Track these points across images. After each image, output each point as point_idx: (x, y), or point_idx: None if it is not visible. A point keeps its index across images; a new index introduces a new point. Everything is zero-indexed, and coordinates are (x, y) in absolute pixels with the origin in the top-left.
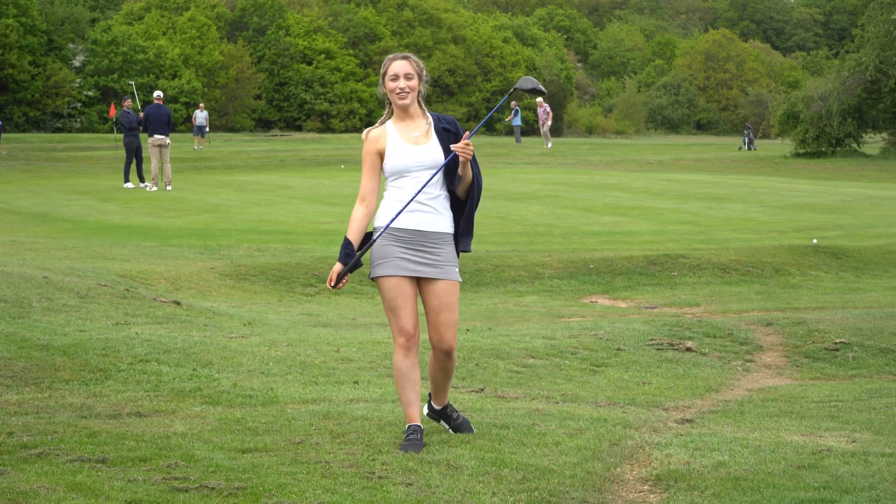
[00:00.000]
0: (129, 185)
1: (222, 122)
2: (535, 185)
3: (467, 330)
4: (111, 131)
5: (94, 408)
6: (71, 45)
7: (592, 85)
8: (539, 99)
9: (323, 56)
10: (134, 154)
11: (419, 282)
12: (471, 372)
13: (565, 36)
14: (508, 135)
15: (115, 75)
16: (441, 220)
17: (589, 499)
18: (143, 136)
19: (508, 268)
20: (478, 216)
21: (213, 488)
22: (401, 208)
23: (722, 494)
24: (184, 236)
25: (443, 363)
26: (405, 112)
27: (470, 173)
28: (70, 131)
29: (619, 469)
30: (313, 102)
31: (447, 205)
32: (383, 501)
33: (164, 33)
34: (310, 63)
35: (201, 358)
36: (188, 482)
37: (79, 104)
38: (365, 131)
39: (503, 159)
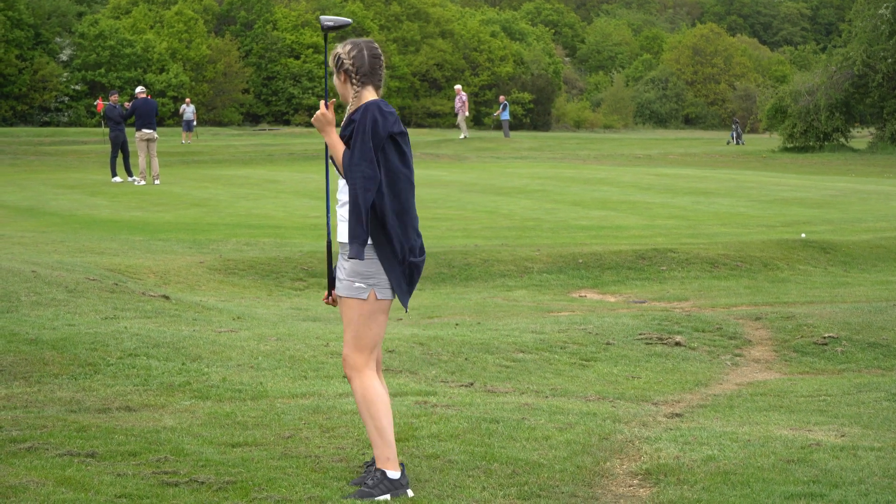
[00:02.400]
0: (118, 179)
1: (210, 117)
2: (524, 180)
3: (456, 324)
4: (99, 125)
5: (84, 402)
6: (58, 39)
7: (580, 79)
8: (458, 87)
9: (311, 50)
10: (120, 148)
11: None
12: (460, 366)
13: (553, 30)
14: (497, 129)
15: (103, 69)
16: (342, 228)
17: (578, 493)
18: (129, 130)
19: (497, 262)
20: (467, 211)
21: (202, 482)
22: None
23: (711, 489)
24: (172, 230)
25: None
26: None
27: (336, 156)
28: (58, 125)
29: (608, 463)
30: (301, 97)
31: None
32: None
33: (152, 27)
34: (297, 57)
35: (190, 352)
36: (178, 476)
37: (66, 98)
38: None
39: (492, 153)
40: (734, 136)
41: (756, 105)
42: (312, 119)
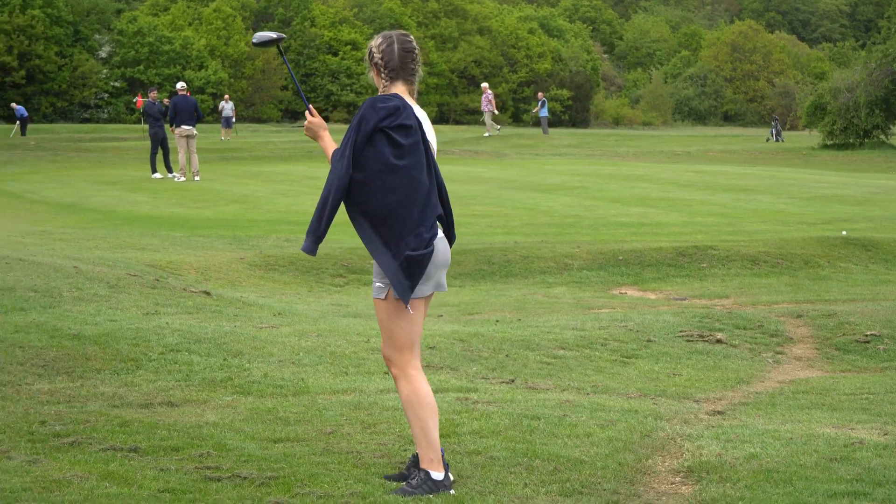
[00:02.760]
0: (158, 175)
1: (249, 113)
2: (563, 177)
3: (497, 321)
4: (138, 122)
5: (126, 397)
6: (97, 36)
7: (619, 76)
8: (484, 85)
9: (349, 47)
10: (159, 144)
11: None
12: (501, 363)
13: (591, 27)
14: (536, 126)
15: (142, 66)
16: None
17: (620, 490)
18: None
19: (537, 259)
20: (507, 207)
21: (245, 478)
22: None
23: (754, 486)
24: (212, 227)
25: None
26: None
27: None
28: (97, 122)
29: (650, 460)
30: (339, 93)
31: None
32: None
33: (190, 24)
34: (335, 54)
35: (232, 348)
36: (220, 471)
37: (106, 95)
38: None
39: (531, 150)
40: (773, 132)
41: (795, 102)
42: (304, 132)
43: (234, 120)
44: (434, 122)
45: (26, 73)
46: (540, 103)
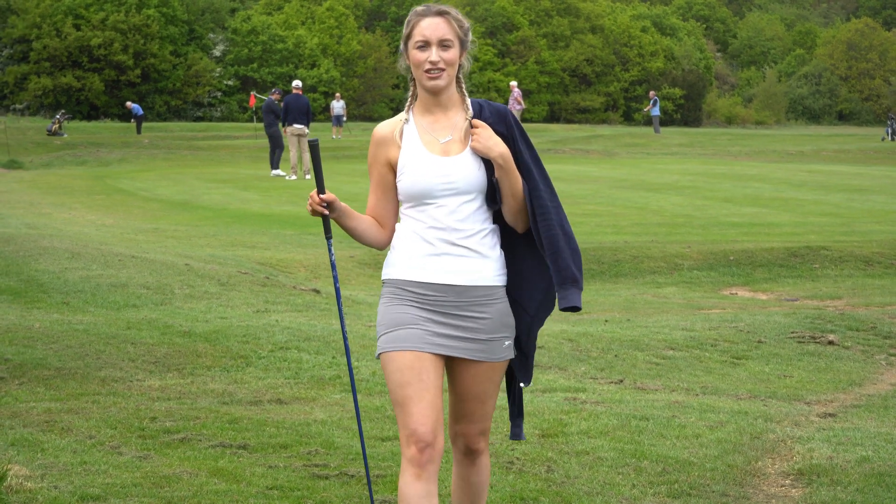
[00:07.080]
0: (279, 172)
1: (360, 112)
2: (674, 176)
3: (605, 321)
4: (250, 120)
5: (236, 394)
6: (211, 35)
7: (732, 75)
8: (513, 83)
9: None
10: (276, 142)
11: (448, 359)
12: (609, 363)
13: (704, 25)
14: (647, 125)
15: (255, 65)
16: (483, 267)
17: (730, 492)
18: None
19: (647, 259)
20: (617, 207)
21: (352, 476)
22: (426, 252)
23: (865, 490)
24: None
25: (463, 472)
26: (436, 98)
27: (518, 185)
28: (210, 120)
29: (760, 463)
30: None
31: (494, 243)
32: (523, 491)
33: (303, 23)
34: None
35: (341, 346)
36: (328, 469)
37: (219, 93)
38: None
39: (641, 149)
40: (889, 132)
41: None
42: (477, 137)
43: (345, 118)
44: (545, 120)
45: (141, 71)
46: (652, 102)
